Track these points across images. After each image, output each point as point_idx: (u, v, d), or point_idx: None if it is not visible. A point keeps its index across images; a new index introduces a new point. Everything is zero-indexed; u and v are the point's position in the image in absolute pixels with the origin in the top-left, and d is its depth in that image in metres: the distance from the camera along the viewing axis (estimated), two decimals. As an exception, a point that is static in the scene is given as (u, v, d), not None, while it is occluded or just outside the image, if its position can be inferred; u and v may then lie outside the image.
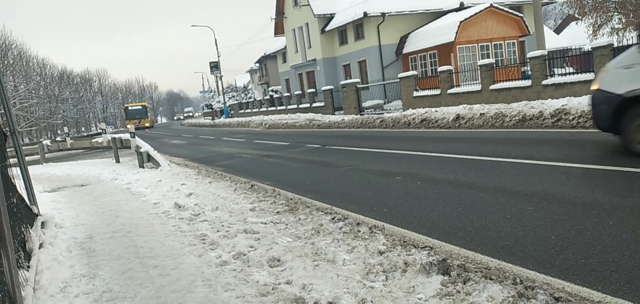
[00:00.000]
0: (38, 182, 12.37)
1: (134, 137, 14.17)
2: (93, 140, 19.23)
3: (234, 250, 4.84)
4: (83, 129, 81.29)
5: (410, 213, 5.72)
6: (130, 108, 63.69)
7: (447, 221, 5.21)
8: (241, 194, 7.78)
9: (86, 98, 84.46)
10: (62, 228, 6.68)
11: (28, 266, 4.44)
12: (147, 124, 60.85)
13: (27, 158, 7.72)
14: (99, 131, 21.85)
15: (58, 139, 27.65)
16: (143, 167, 12.88)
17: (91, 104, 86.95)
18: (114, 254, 5.32)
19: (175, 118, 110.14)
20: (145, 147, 13.38)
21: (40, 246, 5.34)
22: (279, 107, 34.96)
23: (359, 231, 4.97)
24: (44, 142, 22.04)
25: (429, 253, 4.07)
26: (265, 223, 5.80)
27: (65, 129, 31.87)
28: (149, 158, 13.06)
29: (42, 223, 6.29)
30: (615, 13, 26.26)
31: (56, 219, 6.97)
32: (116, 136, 16.42)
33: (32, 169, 13.10)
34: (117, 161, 15.66)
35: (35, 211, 6.59)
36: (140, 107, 64.93)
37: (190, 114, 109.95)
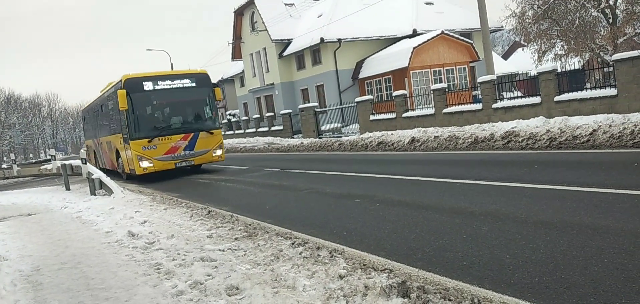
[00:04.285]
0: (-20, 213, 11.69)
1: (86, 163, 13.67)
2: (42, 167, 18.46)
3: (191, 279, 4.71)
4: (31, 155, 77.97)
5: (369, 236, 5.75)
6: (146, 88, 14.52)
7: (406, 243, 5.26)
8: (198, 221, 7.61)
9: (35, 123, 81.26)
10: (7, 261, 6.31)
11: (-33, 303, 4.16)
12: (219, 152, 16.81)
13: (-32, 187, 7.31)
14: (49, 157, 21.02)
15: (4, 166, 26.36)
16: (95, 195, 12.42)
17: (40, 129, 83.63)
18: (63, 286, 5.06)
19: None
20: (97, 173, 12.94)
21: (-18, 280, 5.03)
22: (237, 131, 34.64)
23: (319, 255, 4.94)
24: (-13, 170, 20.99)
25: (388, 275, 4.08)
26: (223, 250, 5.67)
27: (12, 156, 30.46)
28: (101, 185, 12.61)
29: (-16, 256, 5.94)
30: (558, 40, 27.76)
31: (0, 251, 6.59)
32: (66, 162, 15.81)
33: (-27, 199, 12.40)
34: (68, 189, 15.05)
35: (-23, 244, 6.21)
36: (187, 82, 15.67)
37: None
